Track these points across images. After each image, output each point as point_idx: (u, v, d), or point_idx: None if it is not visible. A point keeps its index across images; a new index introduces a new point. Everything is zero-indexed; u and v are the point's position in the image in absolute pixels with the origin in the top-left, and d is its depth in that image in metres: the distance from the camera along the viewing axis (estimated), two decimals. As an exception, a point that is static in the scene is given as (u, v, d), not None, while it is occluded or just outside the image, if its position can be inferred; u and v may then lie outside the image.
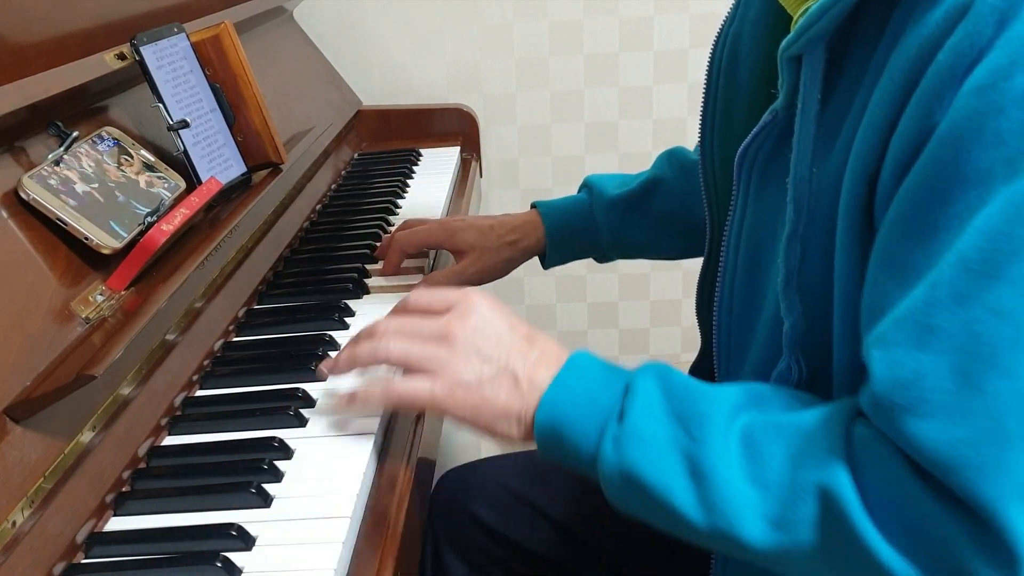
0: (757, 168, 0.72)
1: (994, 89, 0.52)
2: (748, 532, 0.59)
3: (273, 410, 0.79)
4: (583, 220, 1.09)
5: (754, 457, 0.59)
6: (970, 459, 0.52)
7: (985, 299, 0.52)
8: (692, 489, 0.60)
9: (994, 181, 0.52)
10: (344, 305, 0.98)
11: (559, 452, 0.66)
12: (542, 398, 0.65)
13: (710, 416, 0.61)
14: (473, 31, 1.75)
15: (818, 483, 0.57)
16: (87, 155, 0.84)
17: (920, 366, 0.53)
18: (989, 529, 0.52)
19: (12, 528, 0.60)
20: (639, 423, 0.62)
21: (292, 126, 1.30)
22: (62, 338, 0.71)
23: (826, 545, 0.57)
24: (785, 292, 0.67)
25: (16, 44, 0.81)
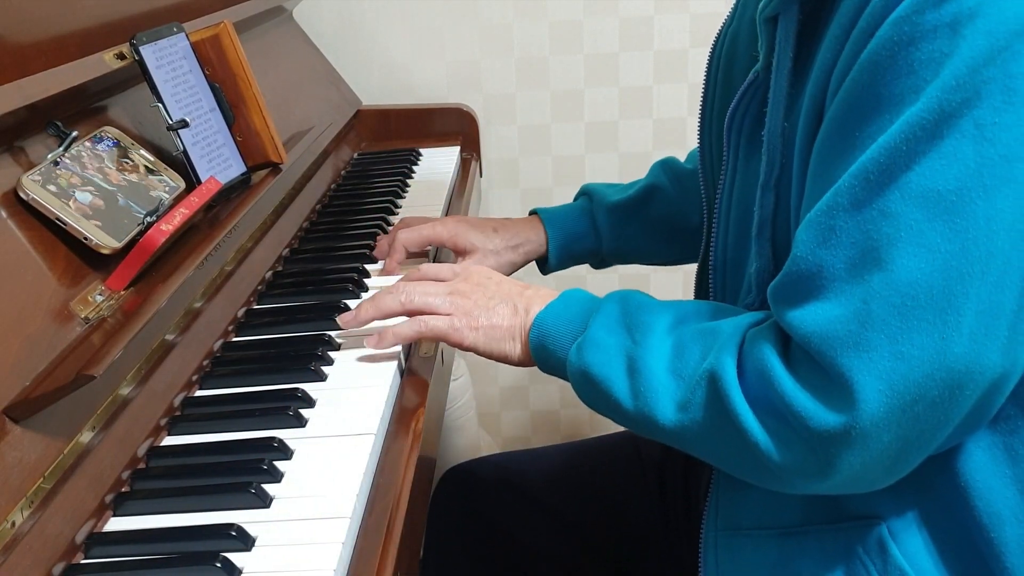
0: (744, 133, 0.79)
1: (907, 21, 0.58)
2: (661, 414, 0.69)
3: (273, 410, 0.79)
4: (584, 226, 1.12)
5: (679, 355, 0.70)
6: (839, 333, 0.60)
7: (877, 203, 0.59)
8: (627, 382, 0.71)
9: (903, 106, 0.59)
10: (344, 305, 0.98)
11: (547, 363, 0.79)
12: (534, 319, 0.79)
13: (653, 326, 0.72)
14: (473, 31, 1.75)
15: (710, 369, 0.67)
16: (86, 155, 0.84)
17: (820, 260, 0.61)
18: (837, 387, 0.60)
19: (11, 528, 0.60)
20: (597, 333, 0.74)
21: (292, 126, 1.30)
22: (61, 338, 0.71)
23: (712, 423, 0.67)
24: (758, 238, 0.74)
25: (16, 44, 0.81)
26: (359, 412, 0.79)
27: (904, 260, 0.58)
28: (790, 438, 0.63)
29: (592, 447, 1.10)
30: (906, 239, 0.58)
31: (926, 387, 0.58)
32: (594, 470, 1.05)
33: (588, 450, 1.09)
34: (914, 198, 0.58)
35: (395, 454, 0.77)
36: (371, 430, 0.76)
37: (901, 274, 0.58)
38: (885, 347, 0.58)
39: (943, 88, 0.57)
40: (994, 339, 0.58)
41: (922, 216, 0.58)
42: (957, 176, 0.57)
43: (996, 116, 0.56)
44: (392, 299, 0.85)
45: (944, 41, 0.57)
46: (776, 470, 0.64)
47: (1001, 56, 0.56)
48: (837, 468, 0.62)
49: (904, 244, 0.58)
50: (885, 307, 0.58)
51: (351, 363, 0.88)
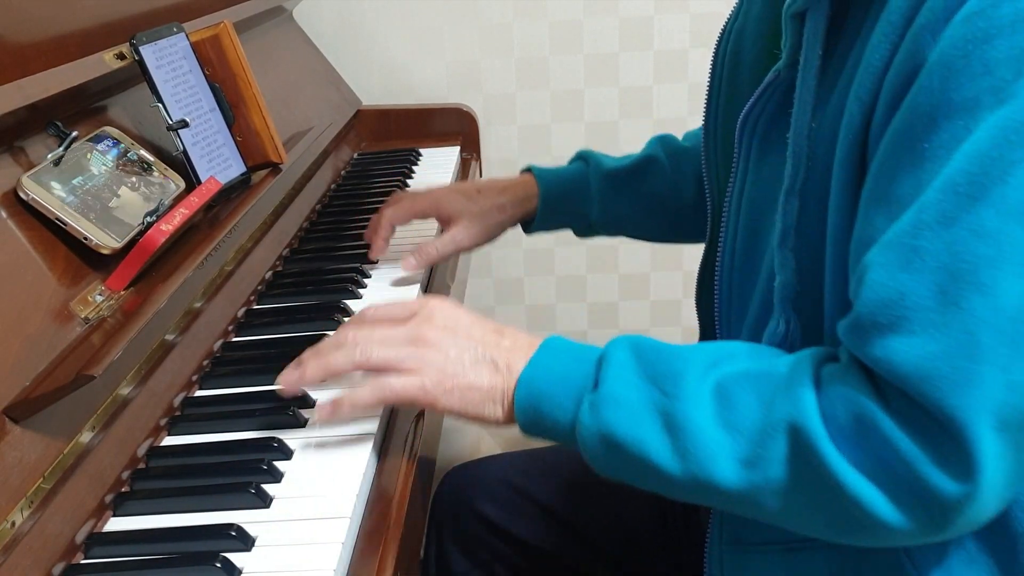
0: (759, 134, 0.73)
1: (982, 16, 0.53)
2: (721, 474, 0.60)
3: (273, 410, 0.79)
4: (578, 188, 1.08)
5: (726, 404, 0.61)
6: (942, 371, 0.53)
7: (968, 220, 0.53)
8: (667, 441, 0.61)
9: (980, 110, 0.53)
10: (344, 305, 0.98)
11: (539, 427, 0.68)
12: (519, 377, 0.68)
13: (682, 373, 0.63)
14: (473, 31, 1.75)
15: (786, 419, 0.58)
16: (86, 155, 0.84)
17: (903, 286, 0.54)
18: (952, 440, 0.53)
19: (11, 528, 0.60)
20: (614, 387, 0.64)
21: (292, 126, 1.30)
22: (61, 338, 0.71)
23: (796, 479, 0.58)
24: (780, 248, 0.68)
25: (16, 44, 0.81)
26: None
27: (1010, 282, 0.52)
28: (901, 494, 0.55)
29: None
30: (1009, 259, 0.52)
31: None
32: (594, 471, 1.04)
33: None
34: (1013, 214, 0.52)
35: (395, 454, 0.77)
36: (371, 430, 0.76)
37: (1008, 299, 0.52)
38: (999, 379, 0.52)
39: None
40: None
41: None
42: None
43: None
44: (344, 355, 0.71)
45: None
46: (880, 525, 0.57)
47: None
48: (954, 525, 0.56)
49: (1008, 264, 0.52)
50: (995, 335, 0.52)
51: (351, 363, 0.88)
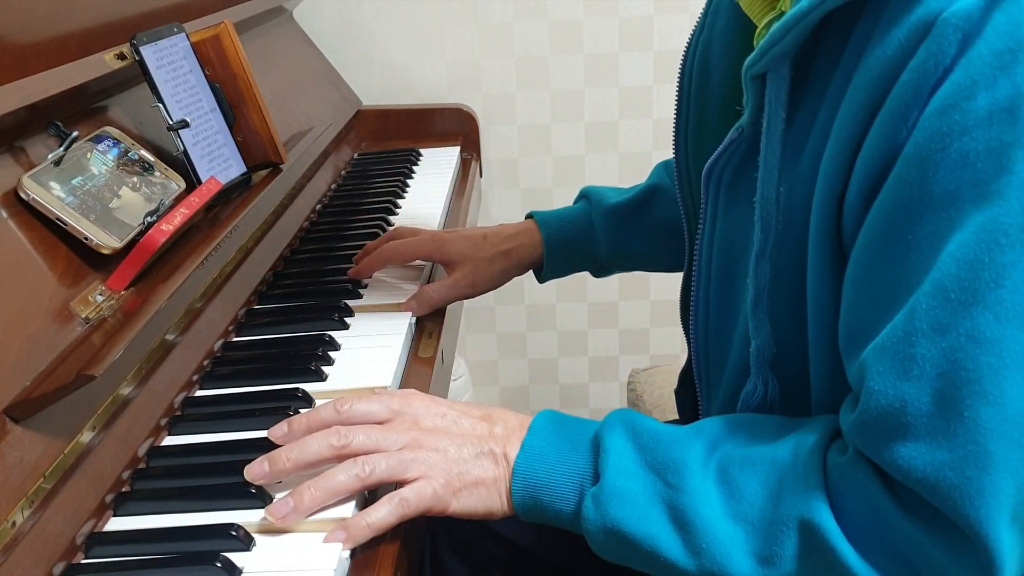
0: (725, 183, 0.72)
1: (957, 109, 0.52)
2: (737, 570, 0.59)
3: (273, 410, 0.79)
4: (581, 229, 1.06)
5: (732, 494, 0.61)
6: (954, 481, 0.52)
7: (964, 326, 0.52)
8: (678, 537, 0.61)
9: (963, 203, 0.52)
10: (344, 305, 0.98)
11: (542, 516, 0.67)
12: (514, 468, 0.67)
13: (684, 461, 0.62)
14: (473, 31, 1.75)
15: (798, 516, 0.58)
16: (87, 155, 0.84)
17: (904, 394, 0.54)
18: (968, 540, 0.53)
19: (12, 528, 0.60)
20: (616, 480, 0.63)
21: (292, 126, 1.30)
22: (62, 338, 0.71)
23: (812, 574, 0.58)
24: (754, 312, 0.67)
25: (16, 44, 0.81)
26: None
27: (1015, 389, 0.52)
28: None
29: None
30: (1011, 365, 0.52)
31: None
32: None
33: None
34: (1011, 319, 0.51)
35: (395, 454, 0.76)
36: (371, 430, 0.76)
37: (1014, 405, 0.52)
38: (1011, 485, 0.52)
39: (1020, 186, 0.51)
40: None
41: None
42: None
43: None
44: (345, 475, 0.65)
45: (1003, 128, 0.51)
46: None
47: None
48: None
49: (1009, 371, 0.52)
50: (1004, 444, 0.52)
51: (352, 363, 0.88)
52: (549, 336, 1.96)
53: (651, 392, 1.33)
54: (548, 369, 1.99)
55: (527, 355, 1.97)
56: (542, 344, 1.97)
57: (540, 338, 1.96)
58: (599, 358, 1.98)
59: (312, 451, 0.67)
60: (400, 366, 0.88)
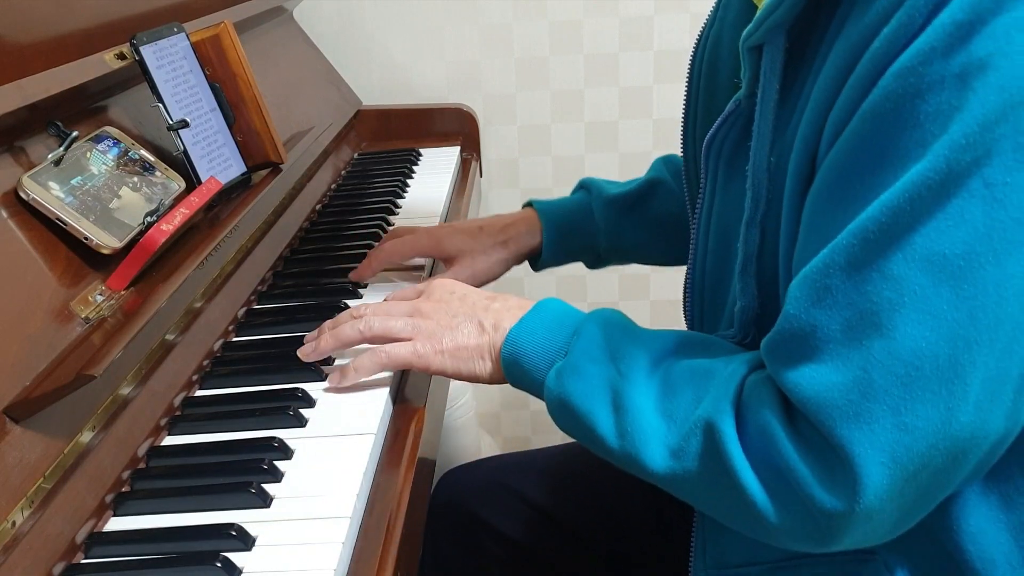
0: (724, 158, 0.75)
1: (913, 73, 0.55)
2: (651, 458, 0.65)
3: (273, 410, 0.79)
4: (581, 219, 1.07)
5: (668, 394, 0.66)
6: (837, 402, 0.57)
7: (876, 263, 0.56)
8: (612, 418, 0.68)
9: (908, 161, 0.55)
10: (344, 305, 0.98)
11: (519, 381, 0.75)
12: (507, 335, 0.74)
13: (638, 357, 0.69)
14: (473, 31, 1.75)
15: (706, 418, 0.63)
16: (87, 155, 0.84)
17: (814, 320, 0.58)
18: (840, 464, 0.57)
19: (12, 528, 0.60)
20: (579, 360, 0.70)
21: (292, 126, 1.30)
22: (62, 338, 0.71)
23: (707, 475, 0.63)
24: (742, 275, 0.71)
25: (16, 44, 0.81)
26: (359, 412, 0.79)
27: (908, 328, 0.55)
28: (791, 502, 0.60)
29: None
30: (910, 305, 0.55)
31: (930, 457, 0.56)
32: (591, 471, 1.04)
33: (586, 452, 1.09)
34: (919, 261, 0.55)
35: (395, 454, 0.77)
36: (371, 430, 0.76)
37: (905, 342, 0.55)
38: (888, 419, 0.56)
39: (951, 145, 0.54)
40: (999, 405, 0.57)
41: (927, 281, 0.55)
42: (965, 239, 0.54)
43: (1008, 176, 0.53)
44: (351, 328, 0.81)
45: (952, 94, 0.54)
46: (772, 529, 0.62)
47: (1015, 112, 0.53)
48: (837, 540, 0.60)
49: (908, 311, 0.55)
50: (888, 377, 0.56)
51: (351, 363, 0.88)
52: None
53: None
54: (548, 369, 1.98)
55: (527, 355, 1.97)
56: (542, 344, 1.96)
57: (540, 338, 1.96)
58: (599, 358, 1.98)
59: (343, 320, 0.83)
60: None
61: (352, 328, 0.80)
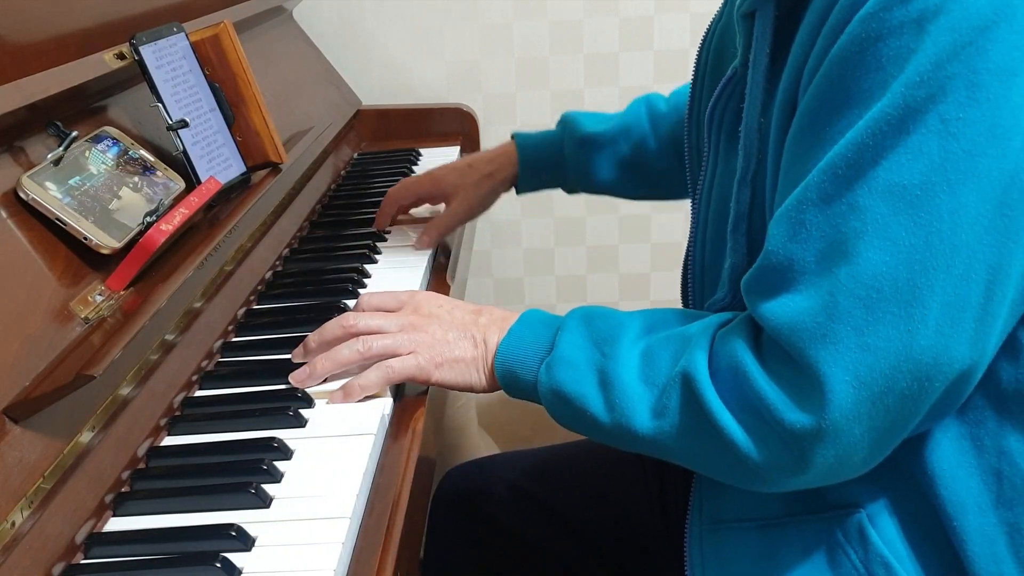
0: (725, 128, 0.79)
1: (875, 18, 0.59)
2: (638, 423, 0.69)
3: (273, 410, 0.79)
4: (553, 155, 1.18)
5: (648, 363, 0.70)
6: (805, 324, 0.61)
7: (845, 197, 0.60)
8: (600, 395, 0.71)
9: (872, 101, 0.60)
10: (344, 305, 0.98)
11: (515, 388, 0.78)
12: (497, 348, 0.78)
13: (619, 337, 0.72)
14: (473, 31, 1.75)
15: (681, 371, 0.67)
16: (86, 155, 0.84)
17: (791, 254, 0.62)
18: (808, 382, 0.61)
19: (11, 528, 0.60)
20: (564, 351, 0.74)
21: (292, 126, 1.30)
22: (61, 338, 0.71)
23: (688, 425, 0.67)
24: (733, 233, 0.75)
25: (15, 44, 0.81)
26: (359, 412, 0.79)
27: (869, 253, 0.59)
28: (765, 434, 0.63)
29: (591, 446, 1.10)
30: (872, 232, 0.59)
31: (894, 379, 0.59)
32: (594, 469, 1.04)
33: (587, 449, 1.09)
34: (880, 192, 0.59)
35: (395, 454, 0.77)
36: (371, 430, 0.76)
37: (866, 267, 0.59)
38: (852, 339, 0.59)
39: (908, 84, 0.58)
40: (961, 331, 0.59)
41: (888, 210, 0.59)
42: (922, 171, 0.58)
43: (960, 111, 0.57)
44: (349, 350, 0.80)
45: (910, 37, 0.58)
46: (754, 468, 0.65)
47: (965, 51, 0.57)
48: (812, 462, 0.62)
49: (870, 237, 0.59)
50: (851, 299, 0.59)
51: (351, 363, 0.88)
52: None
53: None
54: (548, 369, 1.98)
55: (527, 355, 1.97)
56: (542, 344, 1.96)
57: (540, 338, 1.96)
58: (599, 358, 1.98)
59: (329, 333, 0.82)
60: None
61: (351, 350, 0.80)
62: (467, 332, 0.80)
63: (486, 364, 0.79)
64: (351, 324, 0.82)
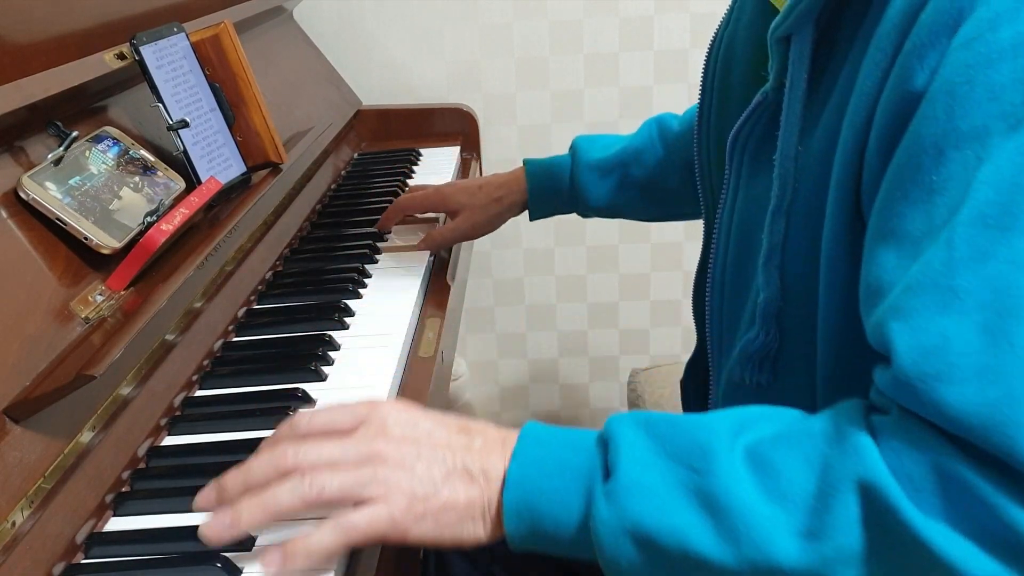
0: (749, 151, 0.73)
1: (981, 41, 0.51)
2: (783, 553, 0.53)
3: (273, 410, 0.79)
4: (563, 181, 1.16)
5: (768, 473, 0.55)
6: (1009, 416, 0.48)
7: (1004, 252, 0.50)
8: (710, 525, 0.54)
9: (991, 136, 0.51)
10: (344, 305, 0.98)
11: (538, 534, 0.59)
12: (507, 478, 0.58)
13: (708, 444, 0.56)
14: (473, 31, 1.75)
15: (853, 479, 0.53)
16: (86, 155, 0.84)
17: (945, 330, 0.50)
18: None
19: (12, 528, 0.60)
20: (631, 472, 0.56)
21: (292, 126, 1.30)
22: (62, 338, 0.71)
23: (871, 544, 0.53)
24: (766, 266, 0.68)
25: (16, 44, 0.81)
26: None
27: None
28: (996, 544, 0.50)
29: None
30: None
31: None
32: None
33: None
34: None
35: (395, 454, 0.76)
36: (371, 430, 0.76)
37: None
38: None
39: None
40: None
41: None
42: None
43: None
44: (290, 492, 0.58)
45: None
46: None
47: None
48: None
49: None
50: None
51: (351, 363, 0.88)
52: (549, 336, 1.96)
53: (651, 392, 1.33)
54: (548, 369, 1.99)
55: (527, 355, 1.97)
56: (542, 344, 1.97)
57: (540, 338, 1.96)
58: (599, 358, 1.98)
59: (257, 474, 0.59)
60: (400, 366, 0.88)
61: (292, 494, 0.58)
62: (458, 463, 0.60)
63: (490, 506, 0.59)
64: (293, 454, 0.59)
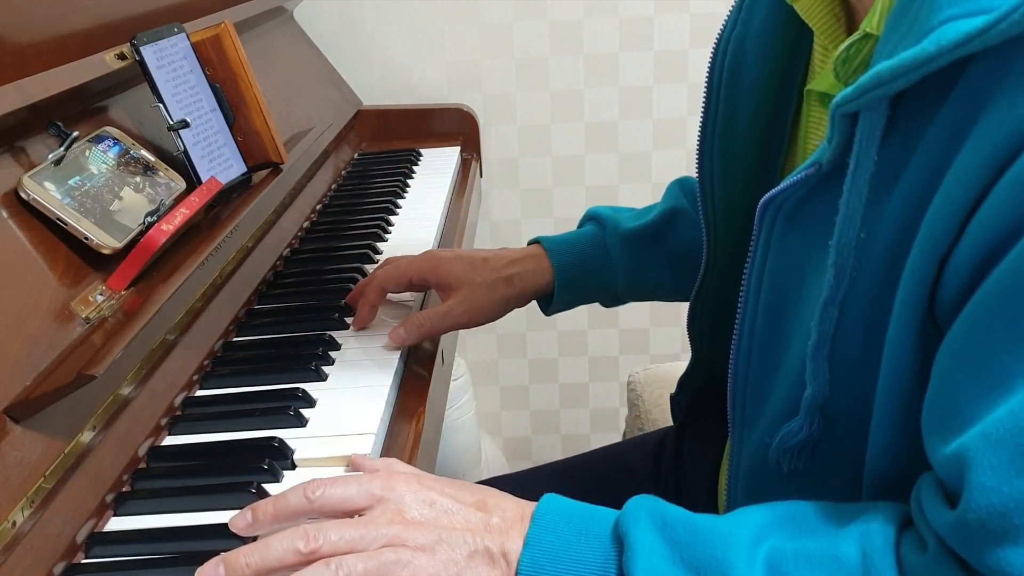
0: (784, 213, 0.66)
1: None
2: None
3: (273, 410, 0.79)
4: (596, 257, 0.97)
5: None
6: None
7: None
8: None
9: None
10: (344, 305, 0.98)
11: None
12: (518, 569, 0.57)
13: (726, 558, 0.54)
14: (473, 31, 1.75)
15: None
16: (87, 155, 0.84)
17: (1020, 493, 0.48)
18: None
19: (12, 528, 0.60)
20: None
21: (292, 126, 1.30)
22: (62, 338, 0.71)
23: None
24: (814, 357, 0.62)
25: (16, 44, 0.81)
26: (359, 412, 0.79)
27: None
28: None
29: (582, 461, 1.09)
30: None
31: None
32: (585, 485, 1.00)
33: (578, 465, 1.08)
34: None
35: (395, 454, 0.77)
36: (371, 430, 0.76)
37: None
38: None
39: None
40: None
41: None
42: None
43: None
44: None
45: None
46: None
47: None
48: None
49: None
50: None
51: (352, 363, 0.88)
52: (549, 336, 1.96)
53: (651, 392, 1.33)
54: (548, 369, 1.99)
55: (527, 355, 1.97)
56: (542, 344, 1.97)
57: (540, 338, 1.96)
58: (599, 358, 1.98)
59: (275, 555, 0.58)
60: (400, 366, 0.88)
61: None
62: (480, 543, 0.58)
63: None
64: (311, 547, 0.58)
